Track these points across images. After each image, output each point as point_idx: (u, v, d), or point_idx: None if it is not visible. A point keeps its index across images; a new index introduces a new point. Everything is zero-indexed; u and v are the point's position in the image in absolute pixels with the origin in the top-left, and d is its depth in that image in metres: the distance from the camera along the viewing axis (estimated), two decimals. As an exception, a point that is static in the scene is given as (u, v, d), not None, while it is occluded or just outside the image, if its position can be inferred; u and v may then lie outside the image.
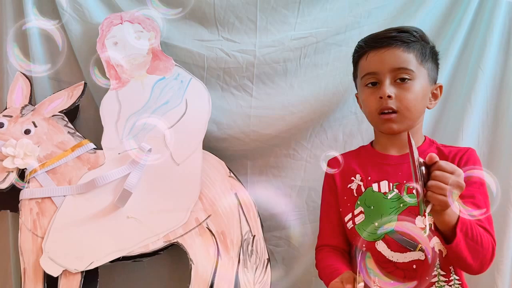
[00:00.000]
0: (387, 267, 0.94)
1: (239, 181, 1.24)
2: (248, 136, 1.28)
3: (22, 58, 1.21)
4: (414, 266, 0.93)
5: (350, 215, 1.00)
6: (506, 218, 1.19)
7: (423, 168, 0.78)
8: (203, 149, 1.24)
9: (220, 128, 1.29)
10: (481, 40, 1.23)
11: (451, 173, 0.78)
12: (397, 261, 0.94)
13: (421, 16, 1.25)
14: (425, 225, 0.81)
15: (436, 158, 0.79)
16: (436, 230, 0.87)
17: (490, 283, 1.18)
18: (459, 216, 0.83)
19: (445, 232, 0.86)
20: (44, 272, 1.17)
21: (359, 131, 1.27)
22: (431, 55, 0.99)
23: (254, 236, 1.21)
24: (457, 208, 0.82)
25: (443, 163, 0.78)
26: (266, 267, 1.20)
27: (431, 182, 0.78)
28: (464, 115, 1.22)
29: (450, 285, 0.94)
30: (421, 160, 0.78)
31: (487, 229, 0.91)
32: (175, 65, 1.26)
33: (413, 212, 0.94)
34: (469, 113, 1.22)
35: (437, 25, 1.26)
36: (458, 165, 0.94)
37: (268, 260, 1.21)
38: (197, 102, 1.25)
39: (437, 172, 0.78)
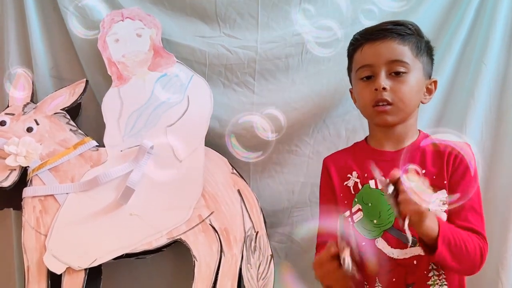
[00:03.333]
0: (389, 265, 0.94)
1: (242, 177, 1.24)
2: (250, 133, 1.28)
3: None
4: (415, 262, 0.93)
5: (347, 213, 0.99)
6: (509, 213, 1.18)
7: (391, 186, 0.80)
8: (205, 145, 1.24)
9: (222, 125, 1.28)
10: (484, 35, 1.23)
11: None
12: (398, 258, 0.94)
13: (424, 11, 1.24)
14: (409, 240, 0.82)
15: (397, 174, 0.80)
16: (420, 241, 0.88)
17: (494, 278, 1.18)
18: (439, 228, 0.84)
19: (428, 243, 0.86)
20: (48, 270, 1.17)
21: (361, 127, 1.27)
22: (426, 49, 0.99)
23: (257, 232, 1.21)
24: (435, 222, 0.84)
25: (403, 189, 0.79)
26: (270, 264, 1.20)
27: (400, 198, 0.80)
28: (467, 110, 1.22)
29: (440, 279, 0.94)
30: (386, 180, 0.80)
31: (478, 230, 0.92)
32: (177, 61, 1.26)
33: None
34: (472, 108, 1.21)
35: (439, 20, 1.26)
36: (453, 163, 0.95)
37: (272, 256, 1.21)
38: (199, 99, 1.25)
39: (402, 187, 0.79)
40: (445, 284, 0.94)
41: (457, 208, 0.93)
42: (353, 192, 1.00)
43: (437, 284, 0.94)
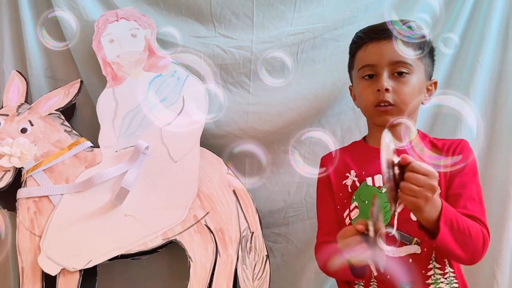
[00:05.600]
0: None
1: (238, 178, 1.24)
2: (246, 133, 1.28)
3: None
4: (410, 260, 0.93)
5: (347, 211, 0.99)
6: (505, 212, 1.19)
7: (396, 168, 0.76)
8: (200, 146, 1.23)
9: (217, 125, 1.28)
10: (479, 34, 1.23)
11: (425, 175, 0.77)
12: (393, 255, 0.93)
13: (419, 10, 1.24)
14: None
15: (410, 159, 0.77)
16: (420, 226, 0.86)
17: (489, 277, 1.18)
18: (441, 209, 0.82)
19: (429, 227, 0.84)
20: (42, 271, 1.16)
21: (357, 127, 1.27)
22: (428, 51, 0.99)
23: (253, 232, 1.21)
24: (438, 202, 0.82)
25: (417, 165, 0.77)
26: (265, 264, 1.20)
27: (402, 184, 0.77)
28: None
29: (446, 278, 0.94)
30: (395, 160, 0.76)
31: (478, 217, 0.90)
32: (172, 62, 1.26)
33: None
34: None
35: (435, 19, 1.26)
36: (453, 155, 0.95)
37: (267, 256, 1.21)
38: (194, 99, 1.25)
39: (409, 174, 0.76)
40: (455, 282, 0.94)
41: (455, 197, 0.92)
42: (350, 191, 1.00)
43: (441, 282, 0.93)
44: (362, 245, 0.80)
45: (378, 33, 0.96)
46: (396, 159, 0.76)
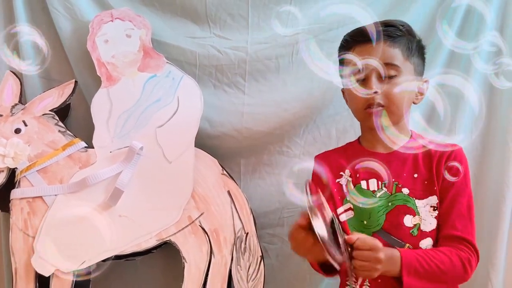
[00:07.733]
0: None
1: (232, 178, 1.24)
2: (241, 134, 1.28)
3: (13, 57, 1.19)
4: None
5: (341, 209, 1.00)
6: (499, 213, 1.19)
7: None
8: (195, 146, 1.23)
9: (212, 126, 1.28)
10: (473, 36, 1.23)
11: (369, 250, 0.83)
12: None
13: (414, 11, 1.25)
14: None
15: (353, 239, 0.83)
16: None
17: (484, 278, 1.18)
18: (401, 262, 0.85)
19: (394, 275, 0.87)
20: (36, 272, 1.16)
21: (352, 127, 1.27)
22: (417, 50, 0.99)
23: (247, 233, 1.21)
24: (396, 258, 0.86)
25: (360, 243, 0.83)
26: (260, 264, 1.20)
27: (354, 262, 0.83)
28: (458, 107, 1.22)
29: None
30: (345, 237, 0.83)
31: (465, 237, 0.91)
32: (167, 62, 1.26)
33: (401, 210, 0.94)
34: (462, 106, 1.21)
35: (430, 20, 1.26)
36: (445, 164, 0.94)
37: (262, 257, 1.21)
38: (189, 99, 1.25)
39: (356, 252, 0.83)
40: None
41: (446, 215, 0.93)
42: (345, 190, 1.00)
43: None
44: (309, 242, 0.83)
45: (363, 36, 0.95)
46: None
